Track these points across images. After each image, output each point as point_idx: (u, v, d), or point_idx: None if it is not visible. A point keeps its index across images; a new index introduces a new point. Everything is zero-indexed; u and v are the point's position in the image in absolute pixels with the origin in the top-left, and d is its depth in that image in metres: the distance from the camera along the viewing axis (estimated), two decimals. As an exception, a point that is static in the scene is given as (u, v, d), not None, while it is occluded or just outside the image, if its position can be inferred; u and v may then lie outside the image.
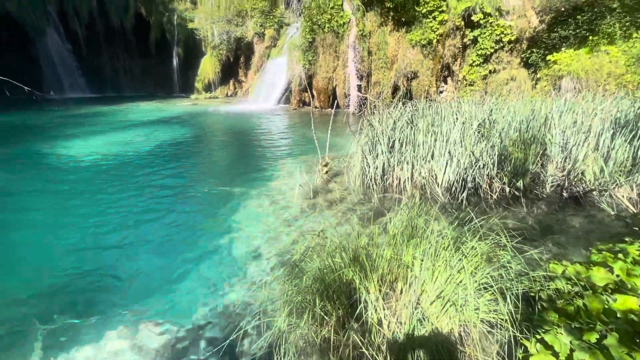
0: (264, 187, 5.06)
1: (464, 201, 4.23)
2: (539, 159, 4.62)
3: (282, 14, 18.43)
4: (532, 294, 2.19)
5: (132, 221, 4.00)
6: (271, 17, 18.46)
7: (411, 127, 5.14)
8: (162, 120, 11.94)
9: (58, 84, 20.05)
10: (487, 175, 4.46)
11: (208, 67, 20.89)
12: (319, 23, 14.42)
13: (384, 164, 4.70)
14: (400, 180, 4.69)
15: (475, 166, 4.43)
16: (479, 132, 4.88)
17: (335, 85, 14.91)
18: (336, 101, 15.27)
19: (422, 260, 2.19)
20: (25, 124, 10.92)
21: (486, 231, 2.18)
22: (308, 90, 15.63)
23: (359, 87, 14.30)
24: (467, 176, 4.42)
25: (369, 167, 4.73)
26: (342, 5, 14.59)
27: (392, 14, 14.10)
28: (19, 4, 17.86)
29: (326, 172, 5.14)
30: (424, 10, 13.30)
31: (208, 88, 21.64)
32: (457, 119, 5.49)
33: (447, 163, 4.62)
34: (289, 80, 16.02)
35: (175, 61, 22.56)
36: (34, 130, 9.90)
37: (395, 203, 4.18)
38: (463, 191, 4.34)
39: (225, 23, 19.55)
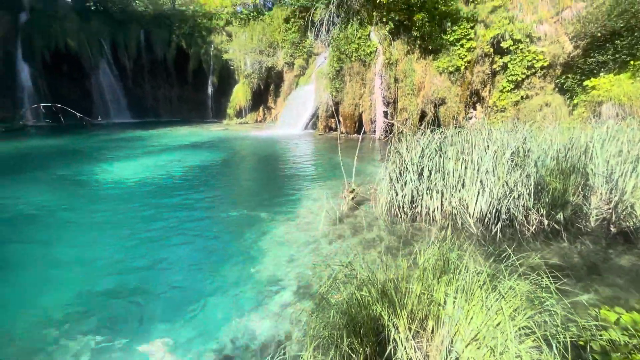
0: (290, 212, 5.10)
1: (498, 233, 4.02)
2: (580, 190, 4.34)
3: (311, 45, 19.30)
4: (581, 343, 1.99)
5: (163, 243, 4.14)
6: (301, 47, 19.38)
7: (440, 155, 5.05)
8: (196, 145, 12.57)
9: (105, 110, 21.91)
10: (523, 207, 4.23)
11: (240, 94, 22.03)
12: (347, 52, 14.93)
13: (412, 192, 4.61)
14: (429, 209, 4.57)
15: (510, 196, 4.23)
16: (512, 161, 4.70)
17: (362, 112, 15.13)
18: (362, 128, 15.43)
19: (455, 298, 2.08)
20: (74, 147, 11.91)
21: (526, 270, 2.04)
22: (335, 116, 15.96)
23: (385, 114, 14.40)
24: (500, 207, 4.22)
25: (397, 195, 4.66)
26: (369, 35, 15.08)
27: (419, 42, 14.35)
28: (79, 41, 20.08)
29: (352, 198, 5.12)
30: (452, 39, 13.43)
31: (239, 114, 22.70)
32: (488, 146, 5.34)
33: (478, 192, 4.45)
34: (316, 106, 16.49)
35: (210, 89, 24.03)
36: (80, 153, 10.74)
37: (424, 233, 4.05)
38: (497, 223, 4.13)
39: (258, 54, 20.74)
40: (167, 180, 7.05)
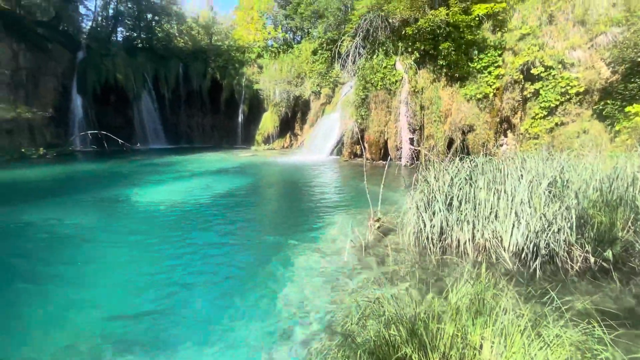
0: (314, 240, 5.06)
1: (538, 271, 3.73)
2: (630, 224, 3.98)
3: (337, 75, 19.94)
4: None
5: (190, 268, 4.21)
6: (327, 77, 20.08)
7: (470, 184, 4.88)
8: (224, 170, 13.04)
9: (144, 137, 23.49)
10: (565, 242, 3.93)
11: (268, 122, 22.90)
12: (372, 81, 15.25)
13: (441, 222, 4.44)
14: (460, 241, 4.36)
15: (549, 230, 3.95)
16: (549, 192, 4.44)
17: (387, 138, 15.14)
18: (388, 154, 15.37)
19: (492, 343, 1.91)
20: (114, 171, 12.75)
21: (573, 316, 1.85)
22: (360, 142, 16.07)
23: (411, 140, 14.30)
24: (539, 241, 3.94)
25: (425, 225, 4.50)
26: (394, 64, 15.39)
27: (445, 70, 14.40)
28: (126, 75, 22.05)
29: (378, 227, 5.01)
30: (479, 66, 13.38)
31: (267, 140, 23.46)
32: (522, 175, 5.10)
33: (513, 225, 4.21)
34: (341, 133, 16.74)
35: (240, 117, 25.21)
36: (120, 177, 11.45)
37: (455, 267, 3.84)
38: (535, 258, 3.84)
39: (286, 84, 21.69)
40: (196, 205, 7.29)
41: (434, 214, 4.60)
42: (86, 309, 3.40)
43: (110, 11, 29.01)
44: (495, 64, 13.08)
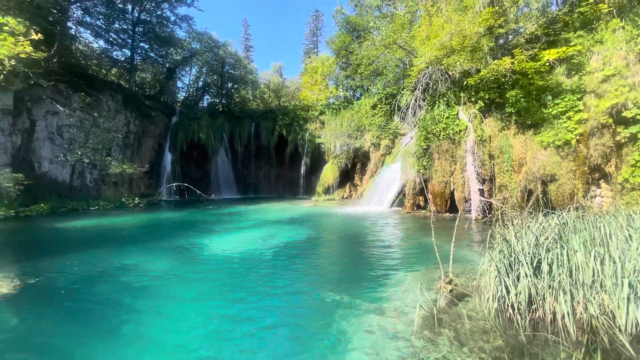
0: (376, 300, 4.72)
1: (675, 363, 2.88)
2: None
3: (397, 126, 20.20)
4: None
5: (249, 320, 4.18)
6: (386, 129, 20.45)
7: (561, 245, 4.22)
8: (287, 220, 13.48)
9: (218, 188, 25.99)
10: None
11: (329, 173, 23.65)
12: (434, 132, 15.03)
13: (528, 290, 3.83)
14: (555, 315, 3.66)
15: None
16: (675, 259, 3.59)
17: (453, 189, 14.31)
18: (454, 206, 14.40)
19: None
20: (191, 219, 14.09)
21: None
22: (422, 193, 15.45)
23: (481, 192, 13.28)
24: (670, 323, 3.10)
25: (508, 292, 3.91)
26: (457, 114, 15.10)
27: (514, 118, 13.61)
28: (207, 134, 25.40)
29: (450, 290, 4.50)
30: (554, 112, 12.38)
31: (327, 191, 24.01)
32: (630, 236, 4.29)
33: (628, 298, 3.43)
34: (402, 184, 16.36)
35: (302, 169, 26.60)
36: (195, 225, 12.58)
37: (552, 348, 3.18)
38: (669, 346, 3.00)
39: (346, 137, 22.59)
40: (259, 255, 7.53)
41: (518, 278, 4.01)
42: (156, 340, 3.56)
43: (200, 83, 34.75)
44: (575, 109, 11.97)
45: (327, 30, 68.07)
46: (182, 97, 34.30)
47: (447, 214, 14.37)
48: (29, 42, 10.48)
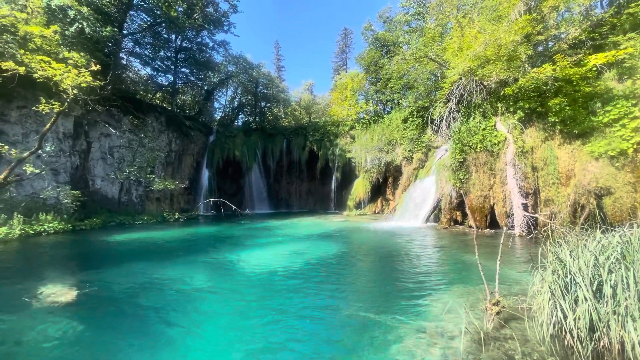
0: (415, 321, 4.51)
1: None
2: None
3: (430, 139, 19.75)
4: None
5: (280, 340, 4.14)
6: (419, 142, 20.05)
7: (626, 266, 3.82)
8: (319, 235, 13.46)
9: (251, 202, 26.72)
10: None
11: (360, 187, 23.48)
12: (470, 144, 14.50)
13: (589, 315, 3.48)
14: (623, 344, 3.28)
15: None
16: None
17: (493, 204, 13.58)
18: (494, 221, 13.63)
19: None
20: (225, 234, 14.53)
21: None
22: (459, 208, 14.81)
23: (525, 206, 12.47)
24: None
25: (565, 317, 3.58)
26: (494, 125, 14.49)
27: (559, 127, 12.80)
28: (242, 151, 26.41)
29: (497, 312, 4.21)
30: (606, 120, 11.49)
31: (358, 205, 23.78)
32: None
33: None
34: (437, 198, 15.81)
35: (333, 183, 26.66)
36: (229, 240, 12.93)
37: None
38: None
39: (377, 151, 22.43)
40: (293, 271, 7.54)
41: (576, 302, 3.66)
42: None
43: (235, 103, 36.52)
44: (630, 115, 11.03)
45: (356, 47, 69.23)
46: (219, 117, 36.21)
47: (488, 229, 13.61)
48: (88, 72, 11.71)
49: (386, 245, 11.07)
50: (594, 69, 12.33)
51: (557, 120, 12.59)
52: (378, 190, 23.65)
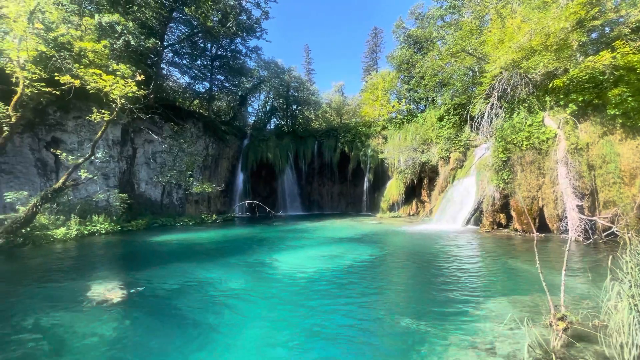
0: (468, 332, 4.16)
1: None
2: None
3: (469, 138, 18.75)
4: None
5: (314, 343, 4.02)
6: (457, 141, 19.11)
7: None
8: (353, 238, 13.21)
9: (284, 204, 27.02)
10: None
11: (393, 189, 22.86)
12: (515, 142, 13.55)
13: (684, 337, 2.98)
14: None
15: None
16: None
17: (543, 206, 12.54)
18: (543, 224, 12.58)
19: None
20: (260, 236, 14.73)
21: None
22: (503, 211, 13.87)
23: (580, 208, 11.37)
24: None
25: (653, 338, 3.10)
26: (542, 121, 13.42)
27: (620, 121, 11.57)
28: (274, 154, 26.83)
29: (565, 329, 3.76)
30: (679, 111, 10.18)
31: (392, 208, 23.17)
32: None
33: None
34: (478, 200, 14.94)
35: (365, 185, 26.21)
36: (263, 242, 13.05)
37: None
38: None
39: (411, 151, 21.72)
40: (328, 275, 7.37)
41: (664, 320, 3.16)
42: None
43: (267, 107, 37.30)
44: None
45: (387, 46, 68.11)
46: (252, 121, 37.15)
47: (538, 234, 12.58)
48: (134, 82, 12.44)
49: (424, 249, 10.59)
50: (663, 54, 11.01)
51: (617, 112, 11.39)
52: (412, 192, 22.89)
